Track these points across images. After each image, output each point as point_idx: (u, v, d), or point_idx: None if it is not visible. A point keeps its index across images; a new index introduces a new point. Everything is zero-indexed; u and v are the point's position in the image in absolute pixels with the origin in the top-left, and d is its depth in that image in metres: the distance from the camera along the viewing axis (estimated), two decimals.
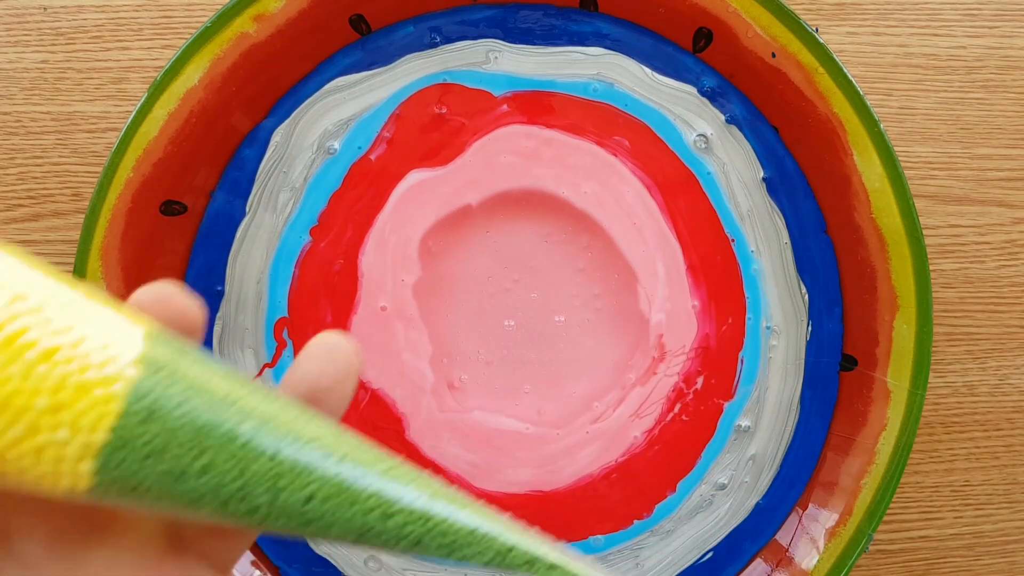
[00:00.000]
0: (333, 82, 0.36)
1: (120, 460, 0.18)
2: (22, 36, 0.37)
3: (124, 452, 0.18)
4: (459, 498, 0.20)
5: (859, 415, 0.36)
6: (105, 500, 0.19)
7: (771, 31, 0.34)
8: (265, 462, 0.18)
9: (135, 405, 0.18)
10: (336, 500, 0.18)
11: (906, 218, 0.34)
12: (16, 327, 0.17)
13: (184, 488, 0.18)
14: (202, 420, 0.18)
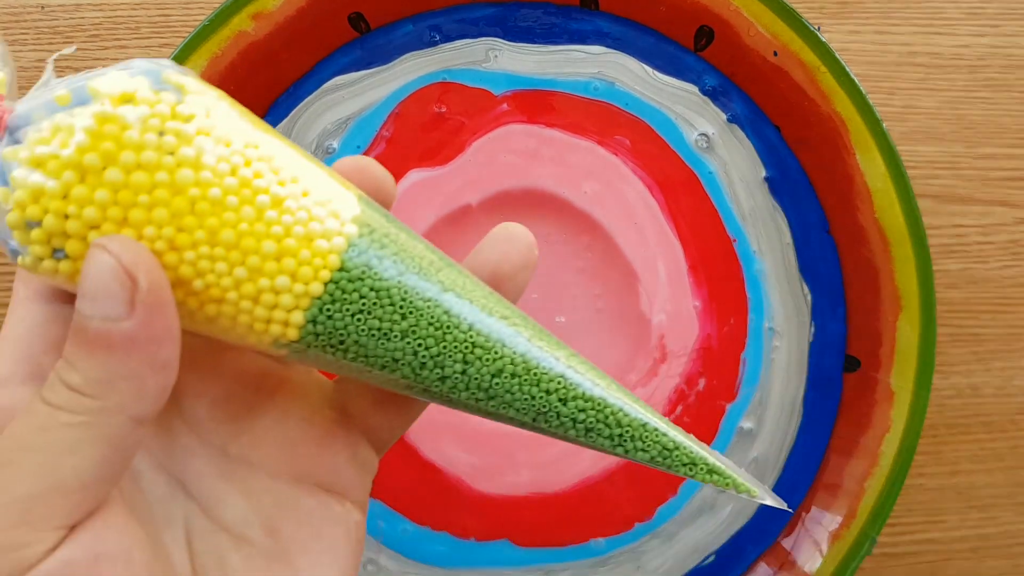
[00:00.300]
0: (332, 81, 0.35)
1: (330, 314, 0.18)
2: (19, 34, 0.36)
3: (335, 307, 0.18)
4: (631, 394, 0.20)
5: (862, 417, 0.35)
6: (303, 355, 0.19)
7: (773, 29, 0.34)
8: (463, 331, 0.19)
9: (351, 261, 0.18)
10: (522, 378, 0.19)
11: (909, 218, 0.34)
12: (251, 171, 0.18)
13: (385, 348, 0.19)
14: (409, 284, 0.19)
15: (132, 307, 0.16)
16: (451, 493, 0.36)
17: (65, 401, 0.16)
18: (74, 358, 0.17)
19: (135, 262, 0.17)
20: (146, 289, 0.17)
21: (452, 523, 0.36)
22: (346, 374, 0.20)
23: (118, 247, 0.17)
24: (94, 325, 0.16)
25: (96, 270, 0.16)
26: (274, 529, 0.20)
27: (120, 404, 0.17)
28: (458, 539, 0.36)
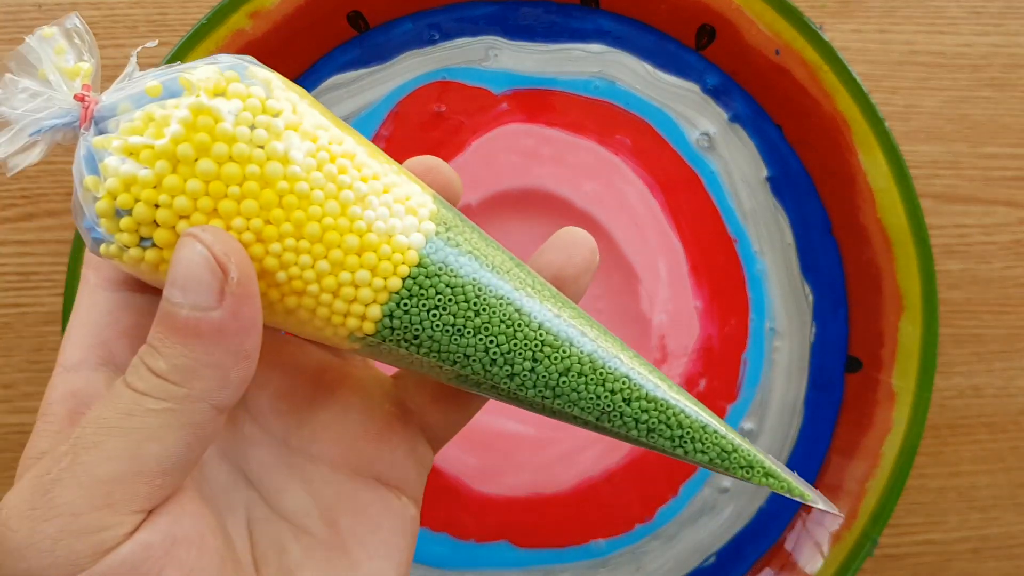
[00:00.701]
0: (331, 79, 0.35)
1: (407, 309, 0.19)
2: (16, 33, 0.36)
3: (412, 302, 0.19)
4: (692, 398, 0.21)
5: (864, 417, 0.35)
6: (376, 349, 0.20)
7: (775, 28, 0.34)
8: (533, 330, 0.19)
9: (429, 258, 0.19)
10: (588, 377, 0.19)
11: (911, 218, 0.34)
12: (335, 167, 0.18)
13: (458, 344, 0.19)
14: (483, 281, 0.19)
15: (221, 297, 0.17)
16: (451, 494, 0.36)
17: (150, 387, 0.17)
18: (160, 345, 0.17)
19: (227, 252, 0.17)
20: (236, 280, 0.17)
21: (452, 524, 0.36)
22: (415, 369, 0.20)
23: (211, 237, 0.17)
24: (183, 313, 0.17)
25: (188, 259, 0.17)
26: (333, 520, 0.21)
27: (204, 392, 0.17)
28: (458, 540, 0.36)
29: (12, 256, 0.36)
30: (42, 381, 0.36)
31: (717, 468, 0.20)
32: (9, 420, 0.36)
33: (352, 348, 0.20)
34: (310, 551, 0.20)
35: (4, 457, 0.36)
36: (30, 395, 0.36)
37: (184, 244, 0.17)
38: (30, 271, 0.36)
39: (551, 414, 0.20)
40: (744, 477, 0.20)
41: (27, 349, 0.36)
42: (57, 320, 0.36)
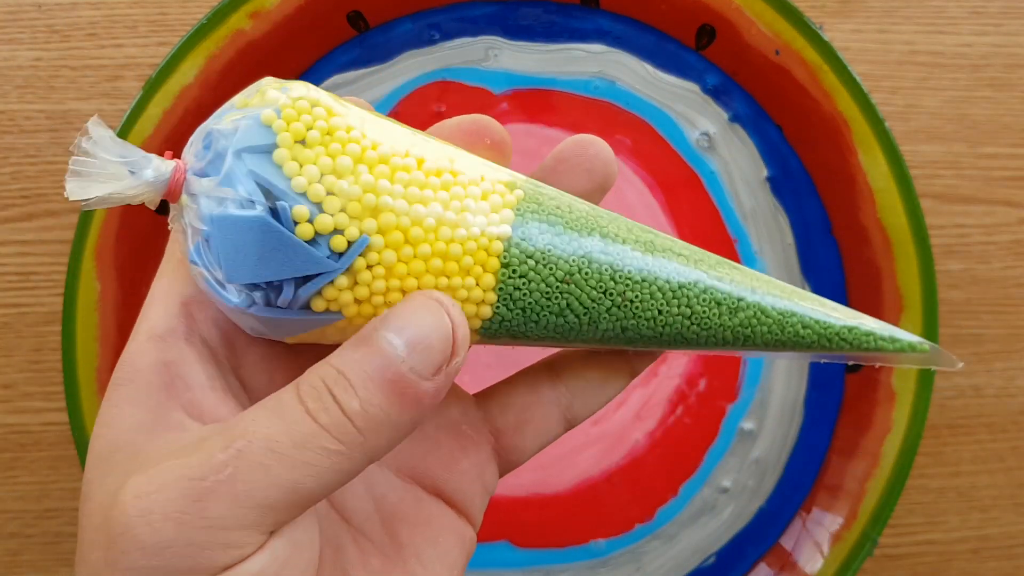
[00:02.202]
0: (330, 79, 0.35)
1: (508, 304, 0.20)
2: (16, 33, 0.36)
3: (513, 294, 0.19)
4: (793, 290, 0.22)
5: (864, 417, 0.35)
6: (494, 339, 0.20)
7: (775, 28, 0.34)
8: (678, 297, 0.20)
9: (518, 245, 0.20)
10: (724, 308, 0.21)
11: (911, 218, 0.34)
12: (422, 173, 0.19)
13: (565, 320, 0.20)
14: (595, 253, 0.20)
15: (438, 372, 0.17)
16: None
17: (332, 423, 0.16)
18: (361, 386, 0.17)
19: (464, 337, 0.18)
20: (457, 364, 0.17)
21: None
22: None
23: (459, 317, 0.18)
24: (401, 369, 0.17)
25: (433, 326, 0.17)
26: (393, 527, 0.21)
27: (375, 449, 0.17)
28: None
29: (12, 256, 0.36)
30: (42, 381, 0.36)
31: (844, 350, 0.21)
32: (9, 420, 0.36)
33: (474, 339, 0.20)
34: (366, 555, 0.20)
35: (4, 457, 0.36)
36: (30, 395, 0.36)
37: (433, 309, 0.17)
38: (30, 271, 0.36)
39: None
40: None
41: (27, 349, 0.36)
42: (57, 320, 0.36)
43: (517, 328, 0.20)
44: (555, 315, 0.20)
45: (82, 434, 0.33)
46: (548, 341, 0.20)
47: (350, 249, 0.18)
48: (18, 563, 0.37)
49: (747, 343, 0.21)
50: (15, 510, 0.37)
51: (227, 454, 0.16)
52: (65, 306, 0.33)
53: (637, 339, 0.20)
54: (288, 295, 0.18)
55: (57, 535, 0.37)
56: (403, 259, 0.18)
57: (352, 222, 0.18)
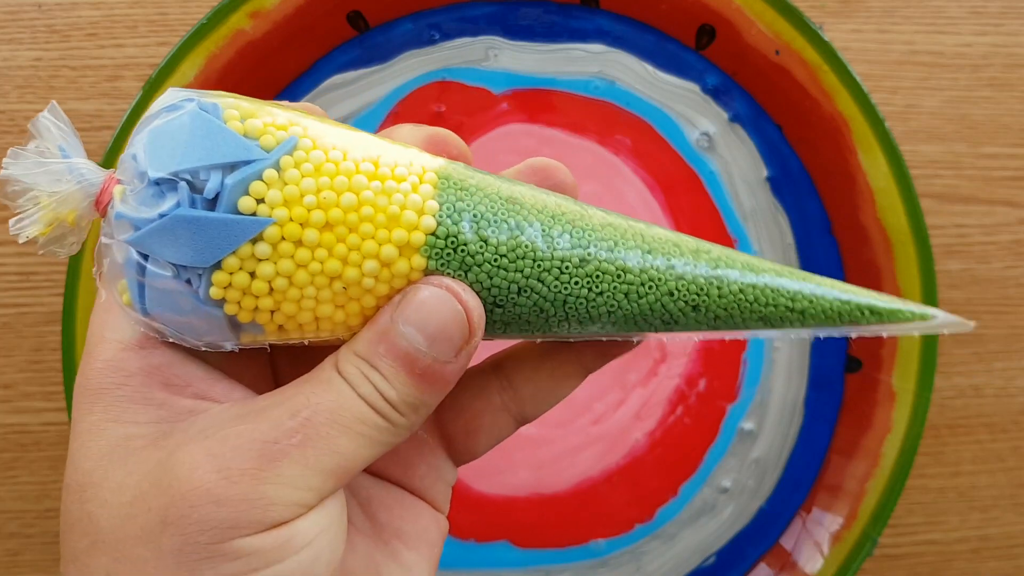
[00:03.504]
0: (330, 79, 0.35)
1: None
2: (16, 33, 0.36)
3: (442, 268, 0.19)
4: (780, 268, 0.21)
5: (864, 417, 0.35)
6: None
7: (775, 28, 0.34)
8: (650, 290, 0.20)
9: (444, 224, 0.19)
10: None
11: (911, 218, 0.34)
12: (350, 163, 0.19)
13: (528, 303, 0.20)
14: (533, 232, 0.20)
15: (459, 353, 0.19)
16: (451, 494, 0.36)
17: (381, 408, 0.18)
18: (394, 379, 0.18)
19: (480, 318, 0.19)
20: (475, 343, 0.19)
21: (452, 524, 0.36)
22: None
23: (472, 300, 0.19)
24: (426, 361, 0.18)
25: (446, 315, 0.18)
26: (371, 512, 0.22)
27: (416, 423, 0.19)
28: (458, 540, 0.36)
29: (12, 256, 0.36)
30: (42, 381, 0.36)
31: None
32: (9, 420, 0.36)
33: None
34: (352, 539, 0.21)
35: (4, 457, 0.36)
36: (30, 395, 0.36)
37: (443, 299, 0.19)
38: (30, 271, 0.36)
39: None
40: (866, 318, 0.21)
41: (27, 349, 0.36)
42: (57, 320, 0.36)
43: (469, 248, 0.19)
44: (508, 232, 0.19)
45: None
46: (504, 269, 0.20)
47: (279, 146, 0.18)
48: (18, 563, 0.37)
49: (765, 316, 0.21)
50: (15, 510, 0.37)
51: (296, 421, 0.18)
52: (65, 306, 0.33)
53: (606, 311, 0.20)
54: (215, 183, 0.18)
55: (57, 535, 0.37)
56: (332, 160, 0.19)
57: (283, 129, 0.18)
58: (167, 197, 0.18)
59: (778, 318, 0.21)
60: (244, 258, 0.18)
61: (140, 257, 0.18)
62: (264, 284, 0.18)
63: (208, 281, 0.18)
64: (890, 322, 0.21)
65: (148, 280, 0.18)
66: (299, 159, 0.18)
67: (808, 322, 0.21)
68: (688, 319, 0.21)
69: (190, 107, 0.18)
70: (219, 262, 0.18)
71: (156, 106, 0.19)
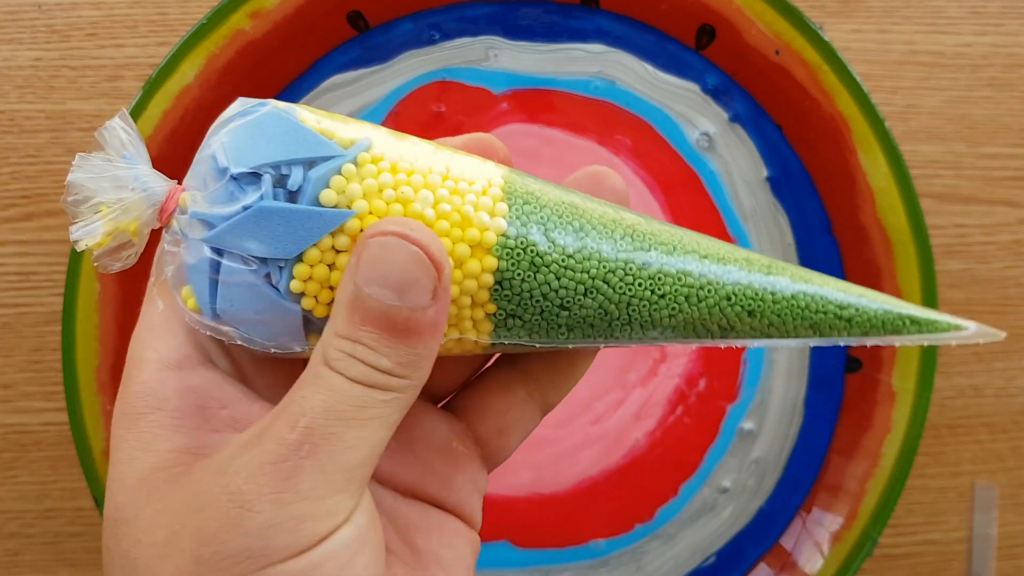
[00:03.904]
0: (330, 79, 0.35)
1: (506, 292, 0.20)
2: (16, 33, 0.36)
3: (508, 281, 0.20)
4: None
5: (864, 417, 0.35)
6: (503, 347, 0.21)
7: (775, 28, 0.34)
8: None
9: (512, 238, 0.20)
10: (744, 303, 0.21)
11: (911, 218, 0.34)
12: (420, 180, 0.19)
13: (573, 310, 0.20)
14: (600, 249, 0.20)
15: (435, 295, 0.18)
16: None
17: (378, 381, 0.18)
18: (380, 345, 0.17)
19: (440, 250, 0.18)
20: (447, 277, 0.18)
21: None
22: None
23: (425, 237, 0.17)
24: (403, 315, 0.17)
25: (403, 260, 0.17)
26: (409, 538, 0.21)
27: (420, 379, 0.18)
28: None
29: (12, 256, 0.36)
30: (42, 381, 0.36)
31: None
32: (9, 420, 0.36)
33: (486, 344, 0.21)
34: (390, 565, 0.21)
35: (4, 457, 0.36)
36: (30, 395, 0.36)
37: (395, 246, 0.17)
38: (30, 271, 0.36)
39: None
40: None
41: (27, 349, 0.36)
42: (57, 320, 0.36)
43: (538, 249, 0.20)
44: (570, 233, 0.20)
45: (82, 434, 0.33)
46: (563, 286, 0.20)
47: (355, 144, 0.19)
48: (18, 563, 0.37)
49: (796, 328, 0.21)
50: (15, 510, 0.37)
51: (297, 433, 0.17)
52: (65, 306, 0.33)
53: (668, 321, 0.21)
54: (298, 177, 0.18)
55: (57, 535, 0.37)
56: (407, 160, 0.19)
57: (355, 131, 0.19)
58: (247, 192, 0.18)
59: (827, 325, 0.21)
60: (324, 250, 0.18)
61: (215, 254, 0.18)
62: (342, 276, 0.18)
63: (290, 273, 0.18)
64: (928, 332, 0.21)
65: (223, 277, 0.18)
66: (376, 156, 0.19)
67: (854, 330, 0.21)
68: (744, 325, 0.21)
69: (267, 108, 0.19)
70: (301, 254, 0.18)
71: (228, 112, 0.19)
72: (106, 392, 0.33)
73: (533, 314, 0.20)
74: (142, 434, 0.19)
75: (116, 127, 0.19)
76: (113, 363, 0.33)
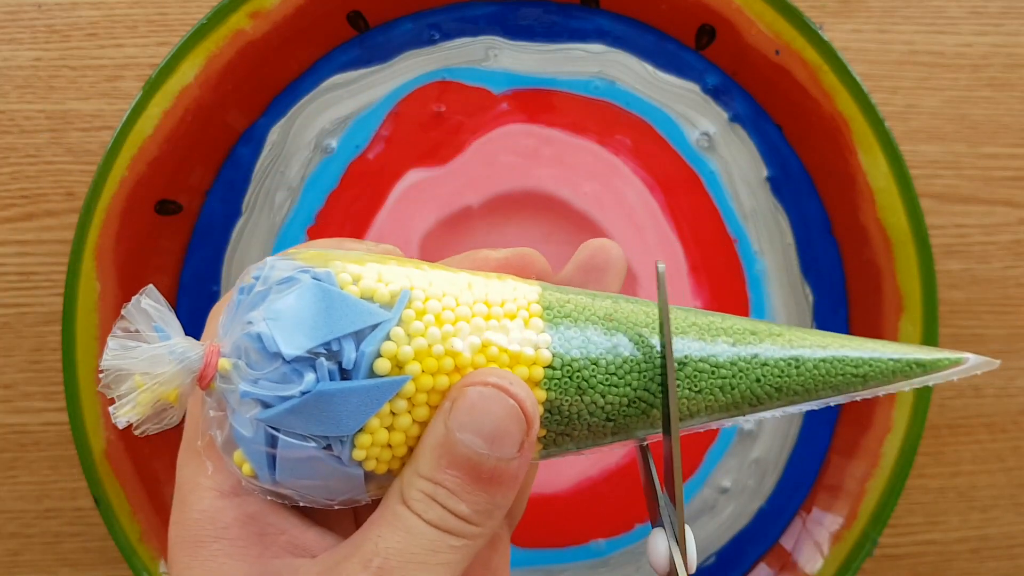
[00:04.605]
0: (330, 79, 0.35)
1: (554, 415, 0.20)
2: (16, 33, 0.36)
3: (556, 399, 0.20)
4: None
5: (864, 418, 0.35)
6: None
7: (775, 28, 0.34)
8: None
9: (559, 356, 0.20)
10: None
11: (911, 218, 0.34)
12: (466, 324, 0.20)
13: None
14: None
15: (522, 448, 0.18)
16: None
17: (453, 527, 0.18)
18: (461, 491, 0.18)
19: (533, 405, 0.18)
20: (536, 431, 0.19)
21: None
22: None
23: (522, 392, 0.18)
24: (490, 464, 0.18)
25: (500, 414, 0.18)
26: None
27: (493, 528, 0.19)
28: None
29: (12, 256, 0.36)
30: (42, 381, 0.36)
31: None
32: (9, 420, 0.36)
33: None
34: None
35: (4, 457, 0.36)
36: (30, 395, 0.36)
37: (493, 397, 0.18)
38: (30, 271, 0.36)
39: None
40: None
41: (27, 349, 0.36)
42: (57, 320, 0.36)
43: (583, 374, 0.20)
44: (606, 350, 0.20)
45: (82, 434, 0.33)
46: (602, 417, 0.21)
47: (396, 301, 0.19)
48: (18, 563, 0.37)
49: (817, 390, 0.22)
50: (15, 510, 0.37)
51: (370, 573, 0.17)
52: (65, 306, 0.33)
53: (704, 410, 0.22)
54: (351, 353, 0.18)
55: (57, 535, 0.37)
56: (447, 307, 0.19)
57: (391, 282, 0.19)
58: (303, 374, 0.18)
59: (845, 384, 0.22)
60: (383, 416, 0.19)
61: (272, 430, 0.18)
62: (401, 435, 0.19)
63: (352, 445, 0.19)
64: (933, 372, 0.22)
65: (283, 452, 0.18)
66: (419, 311, 0.19)
67: (869, 384, 0.22)
68: (772, 400, 0.22)
69: (306, 279, 0.19)
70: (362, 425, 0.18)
71: (266, 278, 0.19)
72: None
73: (581, 431, 0.20)
74: (207, 563, 0.19)
75: (143, 303, 0.19)
76: None
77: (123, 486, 0.33)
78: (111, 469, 0.33)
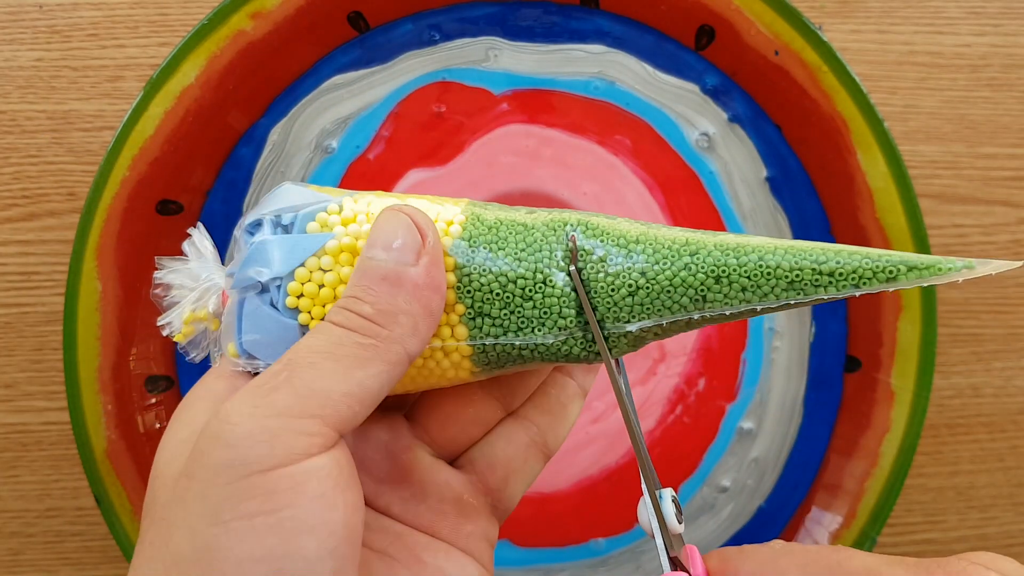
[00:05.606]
0: (331, 80, 0.35)
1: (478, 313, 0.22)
2: (17, 34, 0.36)
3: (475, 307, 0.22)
4: None
5: (863, 417, 0.35)
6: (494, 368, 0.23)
7: (774, 28, 0.34)
8: None
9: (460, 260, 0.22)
10: None
11: (910, 218, 0.34)
12: None
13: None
14: None
15: (418, 257, 0.21)
16: None
17: (357, 326, 0.20)
18: (364, 294, 0.20)
19: (425, 220, 0.21)
20: (431, 243, 0.21)
21: None
22: None
23: (412, 210, 0.21)
24: (387, 266, 0.20)
25: (394, 224, 0.21)
26: (416, 553, 0.23)
27: (400, 336, 0.20)
28: None
29: (13, 256, 0.36)
30: (43, 381, 0.37)
31: None
32: (9, 420, 0.37)
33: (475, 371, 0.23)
34: (393, 569, 0.22)
35: (5, 456, 0.36)
36: (31, 395, 0.36)
37: (388, 215, 0.21)
38: (31, 271, 0.36)
39: None
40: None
41: (28, 349, 0.36)
42: (58, 320, 0.36)
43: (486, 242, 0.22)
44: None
45: (83, 433, 0.33)
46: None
47: (344, 195, 0.23)
48: (20, 562, 0.37)
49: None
50: (16, 509, 0.37)
51: (280, 364, 0.19)
52: (66, 306, 0.33)
53: None
54: (291, 216, 0.22)
55: (58, 534, 0.37)
56: (379, 195, 0.23)
57: (355, 192, 0.23)
58: (255, 236, 0.22)
59: (807, 282, 0.20)
60: (312, 269, 0.22)
61: (241, 296, 0.22)
62: (330, 291, 0.21)
63: (284, 292, 0.22)
64: (929, 275, 0.20)
65: (245, 312, 0.22)
66: (356, 198, 0.23)
67: (841, 283, 0.20)
68: (714, 293, 0.21)
69: (287, 184, 0.24)
70: (292, 272, 0.22)
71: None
72: (107, 392, 0.33)
73: (499, 308, 0.22)
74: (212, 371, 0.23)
75: (194, 237, 0.24)
76: (114, 363, 0.33)
77: (124, 485, 0.33)
78: (112, 468, 0.33)
